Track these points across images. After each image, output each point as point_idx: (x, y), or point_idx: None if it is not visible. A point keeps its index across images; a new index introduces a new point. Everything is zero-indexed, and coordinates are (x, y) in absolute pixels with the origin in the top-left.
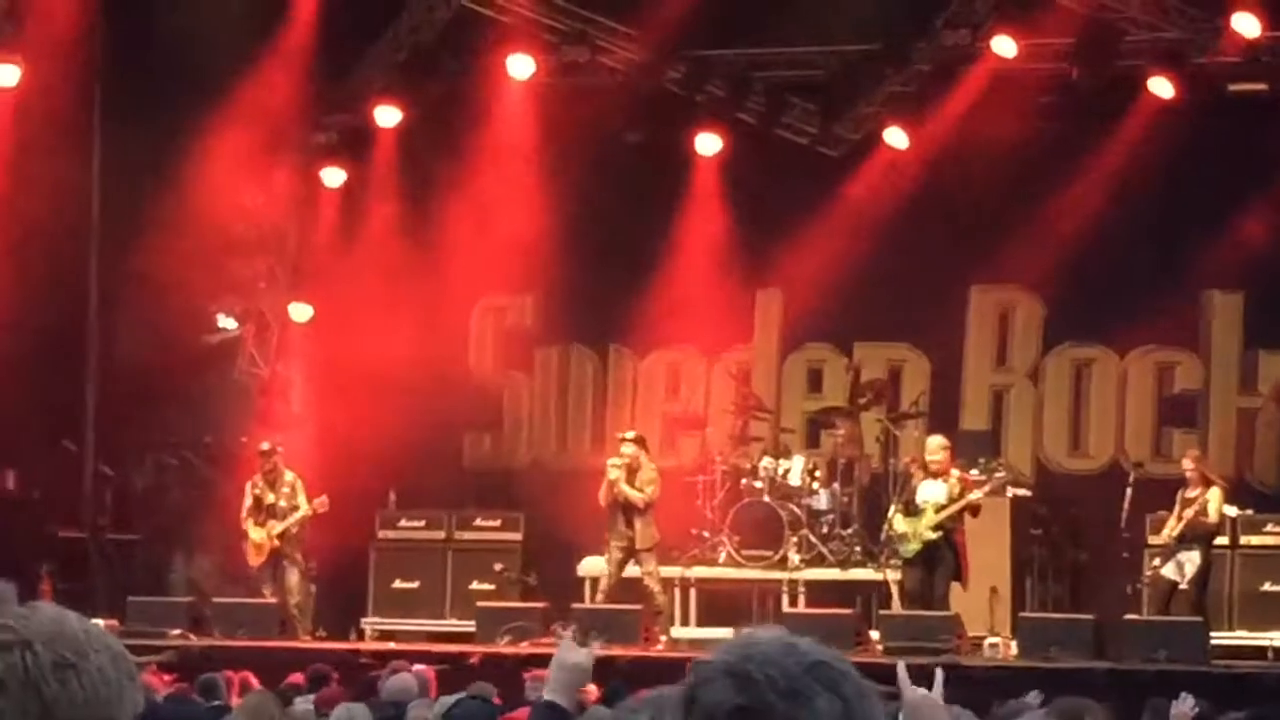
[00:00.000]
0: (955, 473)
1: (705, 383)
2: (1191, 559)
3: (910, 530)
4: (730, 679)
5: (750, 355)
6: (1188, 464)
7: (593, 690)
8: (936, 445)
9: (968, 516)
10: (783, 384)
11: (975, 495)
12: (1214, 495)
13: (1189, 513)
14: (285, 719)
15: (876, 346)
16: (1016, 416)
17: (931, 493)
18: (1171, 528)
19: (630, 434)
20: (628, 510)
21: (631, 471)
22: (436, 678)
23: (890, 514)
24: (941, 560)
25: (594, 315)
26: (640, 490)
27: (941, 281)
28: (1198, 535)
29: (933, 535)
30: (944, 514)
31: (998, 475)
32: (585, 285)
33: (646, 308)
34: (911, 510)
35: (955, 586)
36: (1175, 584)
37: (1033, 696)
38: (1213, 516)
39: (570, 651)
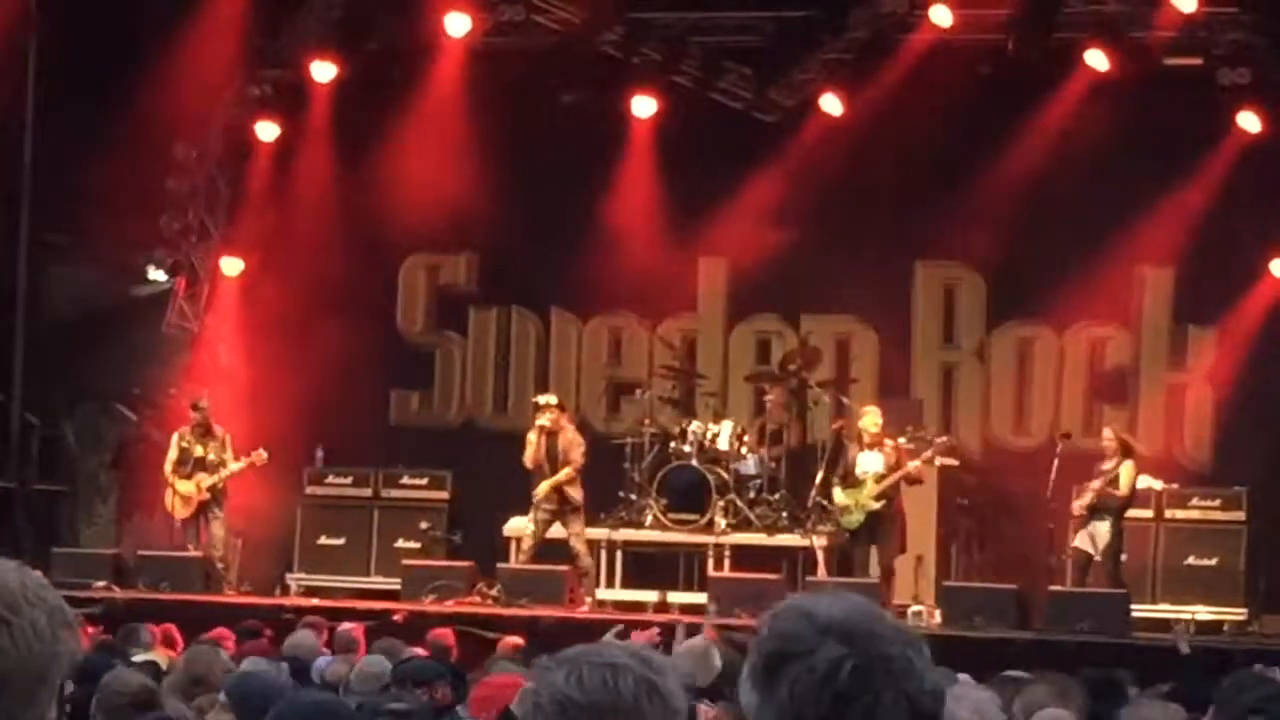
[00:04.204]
0: (889, 443)
1: (649, 349)
2: (1101, 531)
3: (852, 501)
4: (835, 635)
5: (695, 323)
6: (1107, 434)
7: None
8: (872, 416)
9: (904, 486)
10: (730, 353)
11: (913, 465)
12: (1126, 468)
13: (1098, 484)
14: (223, 671)
15: (823, 319)
16: (965, 394)
17: (870, 464)
18: (1084, 500)
19: (551, 399)
20: (555, 472)
21: (552, 435)
22: (365, 635)
23: (817, 481)
24: (884, 529)
25: (534, 278)
26: (569, 462)
27: (886, 255)
28: (1108, 507)
29: (876, 505)
30: (884, 484)
31: (939, 440)
32: (524, 247)
33: (588, 272)
34: (850, 482)
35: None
36: (1090, 555)
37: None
38: (1123, 489)
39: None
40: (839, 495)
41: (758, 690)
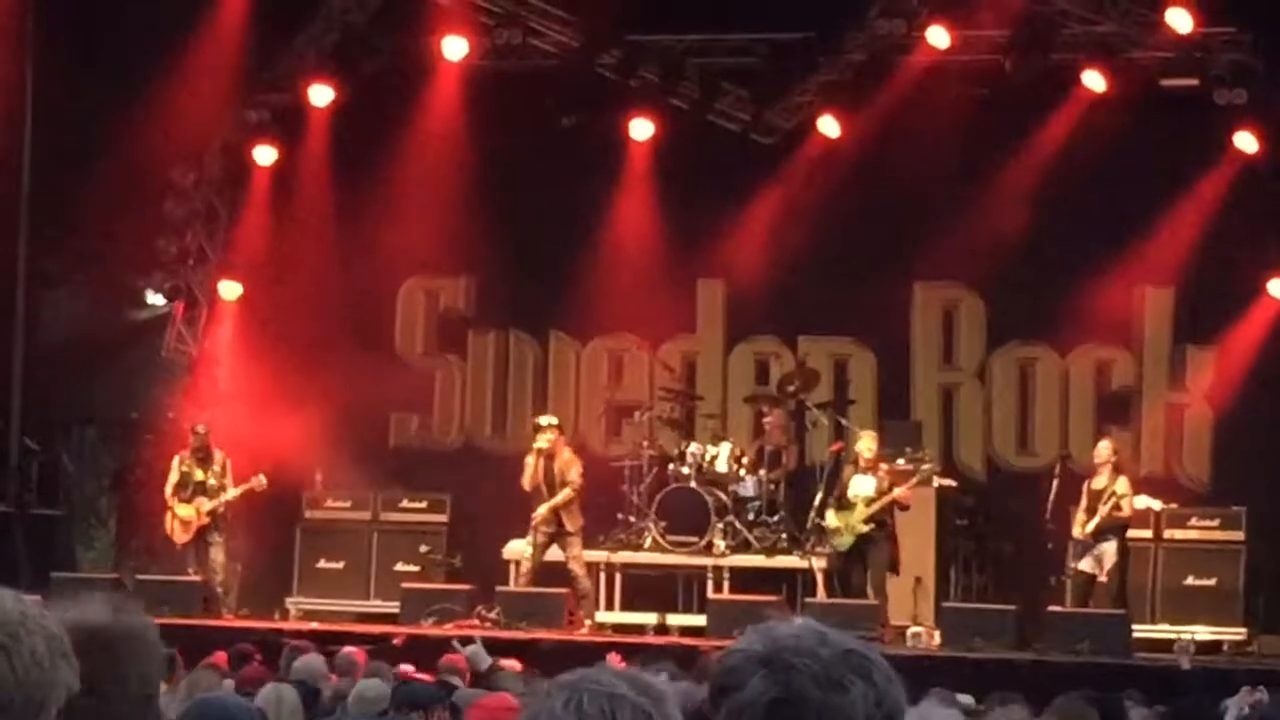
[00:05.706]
0: (884, 468)
1: (647, 371)
2: (1109, 551)
3: (843, 524)
4: (765, 669)
5: (695, 345)
6: (1104, 451)
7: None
8: (867, 440)
9: (897, 510)
10: (729, 375)
11: (899, 491)
12: (1125, 488)
13: (1105, 509)
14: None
15: (821, 340)
16: (966, 415)
17: (862, 487)
18: (1082, 522)
19: (550, 421)
20: (553, 494)
21: (550, 458)
22: (365, 659)
23: (816, 503)
24: (875, 551)
25: (533, 300)
26: (567, 484)
27: (884, 276)
28: (1114, 529)
29: (865, 528)
30: (873, 508)
31: (924, 467)
32: (523, 269)
33: (586, 294)
34: (843, 505)
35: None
36: (1094, 576)
37: None
38: (1126, 510)
39: None
40: (831, 517)
41: None
